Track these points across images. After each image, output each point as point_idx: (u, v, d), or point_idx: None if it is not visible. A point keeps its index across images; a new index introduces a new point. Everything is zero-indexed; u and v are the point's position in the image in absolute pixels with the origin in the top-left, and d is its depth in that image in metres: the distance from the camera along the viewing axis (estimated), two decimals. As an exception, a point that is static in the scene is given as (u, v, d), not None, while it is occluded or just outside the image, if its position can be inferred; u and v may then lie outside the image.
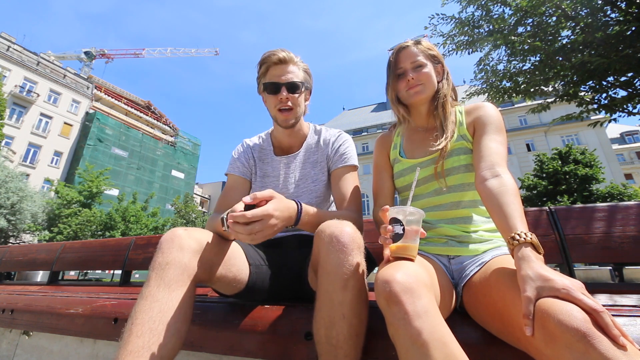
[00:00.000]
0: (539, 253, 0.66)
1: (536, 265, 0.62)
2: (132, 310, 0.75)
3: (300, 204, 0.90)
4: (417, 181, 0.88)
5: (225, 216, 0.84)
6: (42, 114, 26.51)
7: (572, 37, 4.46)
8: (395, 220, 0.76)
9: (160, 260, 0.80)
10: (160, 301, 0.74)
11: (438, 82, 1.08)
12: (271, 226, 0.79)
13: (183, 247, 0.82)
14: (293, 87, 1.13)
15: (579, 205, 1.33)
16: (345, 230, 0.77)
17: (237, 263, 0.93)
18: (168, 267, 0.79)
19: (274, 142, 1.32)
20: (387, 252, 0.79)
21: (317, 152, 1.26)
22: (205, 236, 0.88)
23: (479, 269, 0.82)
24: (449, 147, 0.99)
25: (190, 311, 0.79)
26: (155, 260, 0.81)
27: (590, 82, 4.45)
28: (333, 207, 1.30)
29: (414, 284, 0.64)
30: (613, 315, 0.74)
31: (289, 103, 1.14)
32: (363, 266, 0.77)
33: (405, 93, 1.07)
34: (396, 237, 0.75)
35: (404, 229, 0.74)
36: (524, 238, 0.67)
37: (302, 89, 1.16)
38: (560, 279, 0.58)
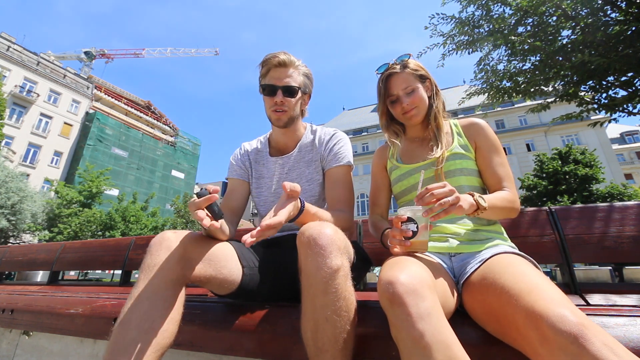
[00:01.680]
0: (478, 207, 0.85)
1: (465, 195, 0.85)
2: (121, 310, 0.76)
3: (304, 202, 0.91)
4: (417, 182, 0.92)
5: (196, 193, 0.84)
6: (42, 114, 26.47)
7: (572, 37, 4.45)
8: (408, 220, 0.84)
9: (148, 263, 0.81)
10: (145, 303, 0.75)
11: (429, 98, 1.14)
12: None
13: (171, 249, 0.83)
14: (289, 91, 1.15)
15: (578, 205, 1.34)
16: (323, 232, 0.76)
17: (228, 265, 0.92)
18: (155, 270, 0.80)
19: (271, 143, 1.34)
20: (396, 250, 0.85)
21: (312, 151, 1.26)
22: (194, 239, 0.88)
23: (479, 266, 0.83)
24: (446, 154, 1.05)
25: (177, 312, 0.80)
26: (144, 262, 0.82)
27: (590, 82, 4.44)
28: None
29: (418, 285, 0.64)
30: (613, 315, 0.74)
31: (284, 106, 1.16)
32: (345, 268, 0.76)
33: (402, 117, 1.14)
34: (412, 235, 0.83)
35: (417, 227, 0.83)
36: (473, 195, 0.87)
37: (299, 93, 1.18)
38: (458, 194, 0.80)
